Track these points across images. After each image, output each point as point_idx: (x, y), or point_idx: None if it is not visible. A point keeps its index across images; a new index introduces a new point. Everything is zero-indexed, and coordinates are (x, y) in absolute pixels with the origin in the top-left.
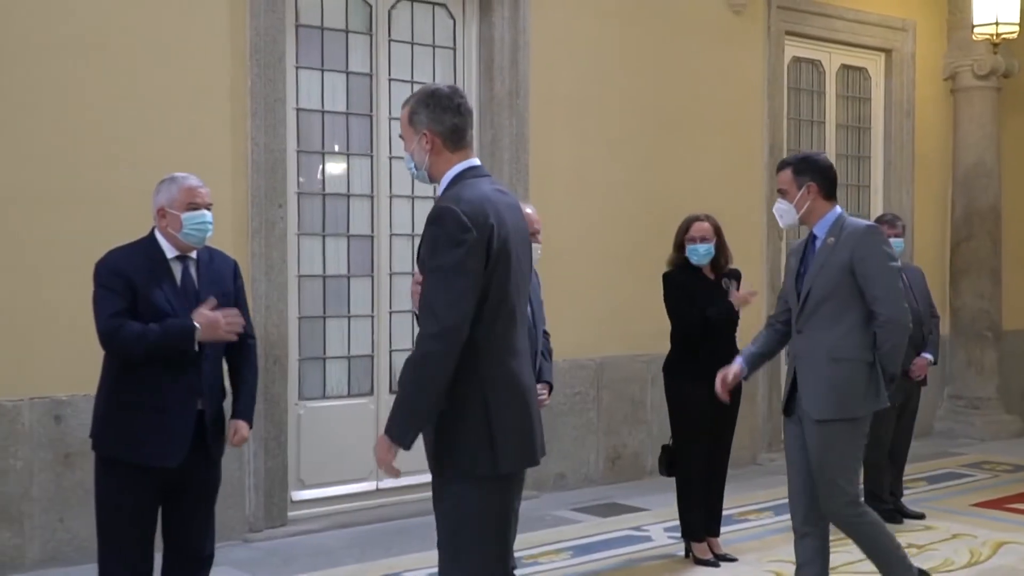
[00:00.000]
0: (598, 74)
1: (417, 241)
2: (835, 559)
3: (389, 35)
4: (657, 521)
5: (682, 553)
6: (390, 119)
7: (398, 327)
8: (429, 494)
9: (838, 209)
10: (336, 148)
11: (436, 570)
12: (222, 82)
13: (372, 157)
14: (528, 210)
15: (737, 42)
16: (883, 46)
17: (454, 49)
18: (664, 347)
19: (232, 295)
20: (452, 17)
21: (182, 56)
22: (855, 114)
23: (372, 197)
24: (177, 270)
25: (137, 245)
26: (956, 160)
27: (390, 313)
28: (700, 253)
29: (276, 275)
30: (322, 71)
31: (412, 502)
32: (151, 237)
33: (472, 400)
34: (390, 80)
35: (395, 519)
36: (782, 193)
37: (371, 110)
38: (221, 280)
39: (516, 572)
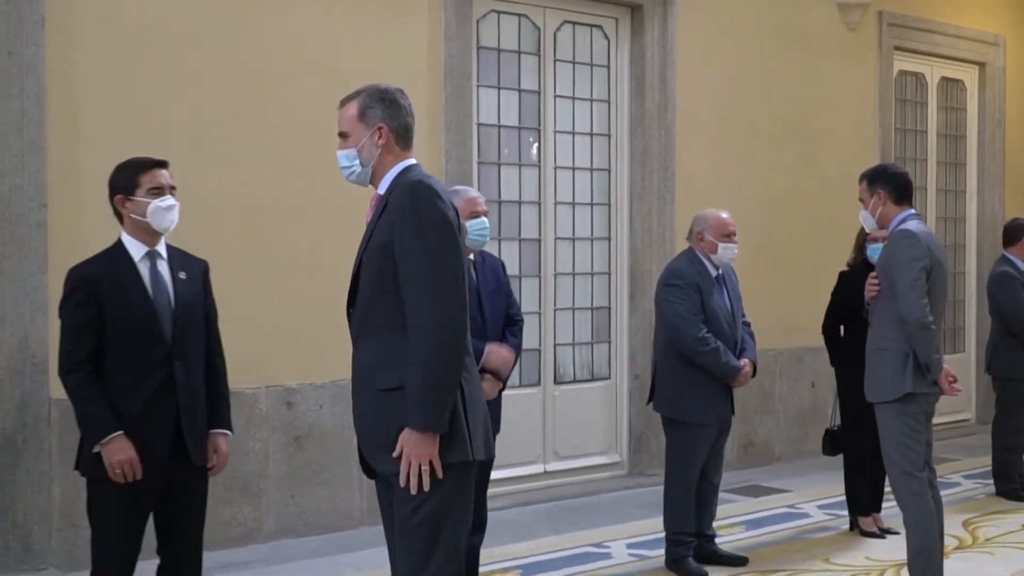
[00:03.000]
0: (733, 88)
1: (578, 245)
2: (987, 532)
3: (555, 55)
4: (807, 500)
5: (841, 527)
6: (555, 133)
7: (562, 323)
8: (591, 476)
9: (905, 213)
10: (510, 159)
11: (635, 539)
12: (421, 100)
13: (540, 167)
14: (723, 214)
15: (852, 57)
16: (978, 59)
17: (608, 67)
18: (790, 341)
19: (507, 287)
20: (607, 37)
21: (389, 77)
22: (952, 124)
23: (539, 204)
24: None
25: None
26: None
27: (555, 310)
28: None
29: None
30: (498, 89)
31: (575, 484)
32: None
33: None
34: (555, 97)
35: (563, 499)
36: (862, 202)
37: (539, 124)
38: (496, 277)
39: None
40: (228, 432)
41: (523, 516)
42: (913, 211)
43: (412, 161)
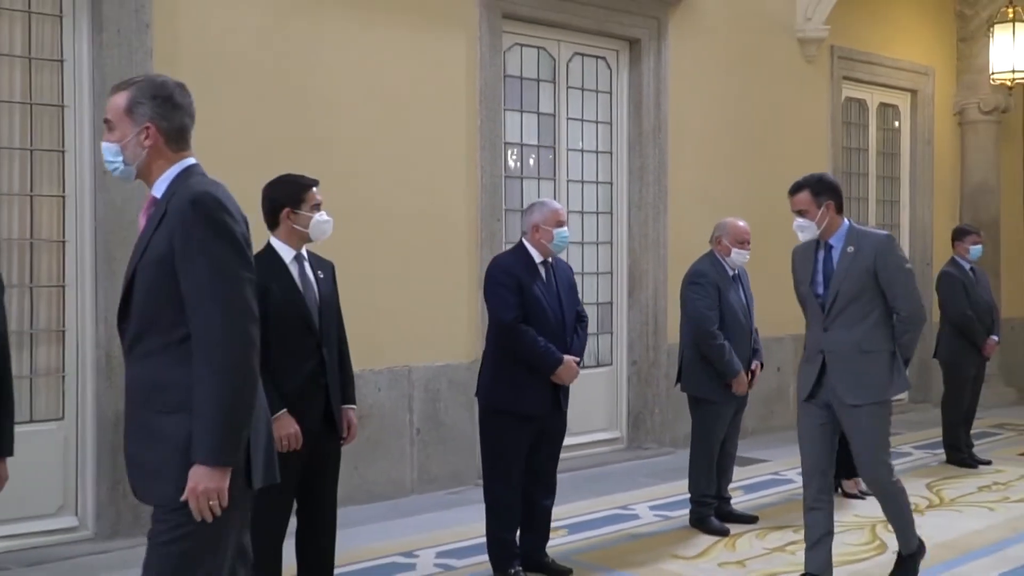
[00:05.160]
0: (715, 111)
1: (586, 249)
2: (950, 493)
3: (567, 82)
4: (787, 468)
5: None
6: (568, 151)
7: None
8: (596, 451)
9: (849, 222)
10: (531, 174)
11: (655, 503)
12: (461, 123)
13: (555, 181)
14: (741, 223)
15: (809, 85)
16: (911, 87)
17: (610, 93)
18: (760, 332)
19: (575, 286)
20: (609, 67)
21: (434, 102)
22: (888, 142)
23: None
24: (542, 271)
25: (515, 253)
26: (964, 180)
27: None
28: None
29: None
30: (521, 112)
31: (583, 456)
32: (521, 246)
33: None
34: (568, 119)
35: (576, 469)
36: (801, 213)
37: (554, 143)
38: (566, 276)
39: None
40: (355, 407)
41: None
42: (849, 220)
43: (190, 161)
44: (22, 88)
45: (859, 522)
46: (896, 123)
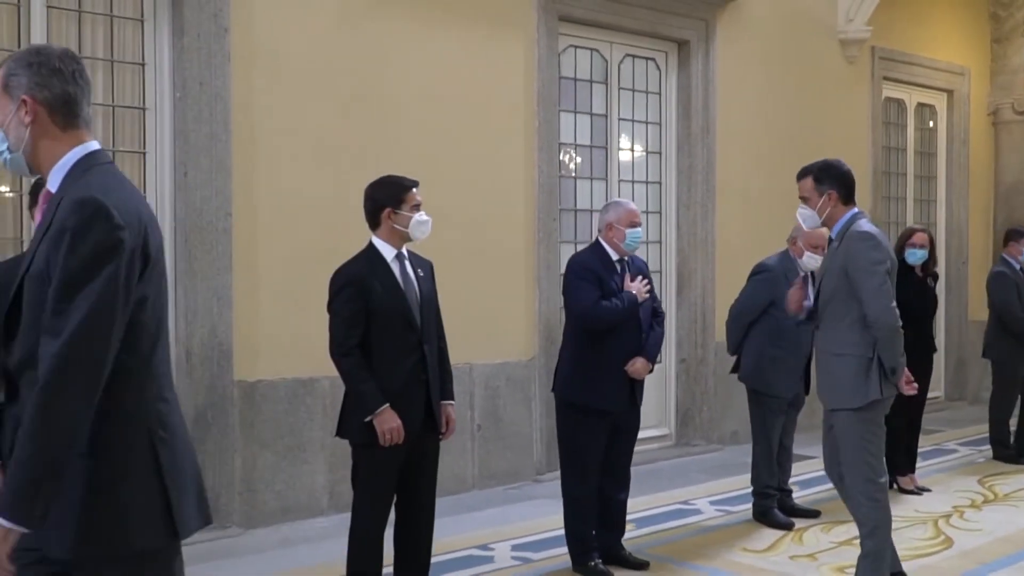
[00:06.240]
0: (761, 112)
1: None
2: (1003, 488)
3: (619, 84)
4: None
5: None
6: (619, 151)
7: None
8: (645, 447)
9: (852, 213)
10: (583, 173)
11: (714, 497)
12: (519, 124)
13: (607, 181)
14: (821, 229)
15: (851, 86)
16: (947, 87)
17: (659, 94)
18: None
19: (651, 283)
20: (659, 68)
21: (495, 103)
22: (925, 142)
23: None
24: (618, 267)
25: (592, 250)
26: (998, 180)
27: None
28: (917, 256)
29: (552, 273)
30: (574, 113)
31: (642, 452)
32: (597, 244)
33: (136, 449)
34: (619, 120)
35: (632, 465)
36: (804, 200)
37: (606, 143)
38: (641, 274)
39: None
40: (453, 402)
41: None
42: (858, 210)
43: (90, 147)
44: (104, 91)
45: (921, 517)
46: (931, 123)
